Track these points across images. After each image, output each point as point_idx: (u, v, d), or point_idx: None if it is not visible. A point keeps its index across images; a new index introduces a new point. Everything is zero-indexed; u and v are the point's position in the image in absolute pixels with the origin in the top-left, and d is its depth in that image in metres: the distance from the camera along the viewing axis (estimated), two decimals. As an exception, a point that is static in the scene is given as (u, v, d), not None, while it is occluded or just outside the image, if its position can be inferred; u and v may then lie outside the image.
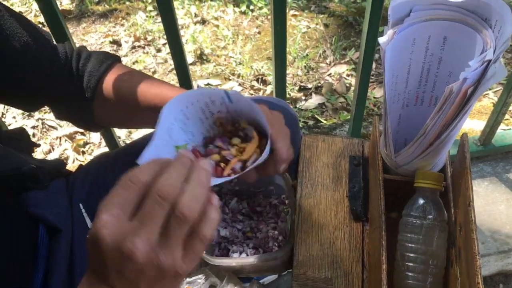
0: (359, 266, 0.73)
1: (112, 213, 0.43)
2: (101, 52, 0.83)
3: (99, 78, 0.80)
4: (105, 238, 0.42)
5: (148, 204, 0.43)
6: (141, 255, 0.42)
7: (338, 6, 2.60)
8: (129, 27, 2.50)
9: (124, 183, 0.44)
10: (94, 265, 0.46)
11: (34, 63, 0.74)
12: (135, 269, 0.43)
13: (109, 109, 0.82)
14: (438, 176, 0.67)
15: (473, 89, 0.56)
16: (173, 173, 0.45)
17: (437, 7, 0.61)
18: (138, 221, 0.43)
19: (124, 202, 0.43)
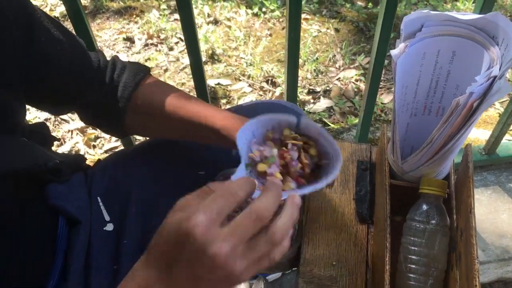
0: (363, 267, 0.76)
1: (209, 217, 0.46)
2: (135, 63, 0.87)
3: (133, 90, 0.83)
4: (196, 236, 0.46)
5: (244, 219, 0.47)
6: (223, 258, 0.46)
7: (350, 12, 2.63)
8: (142, 24, 2.54)
9: (224, 193, 0.49)
10: (162, 254, 0.49)
11: (67, 70, 0.76)
12: (209, 267, 0.47)
13: (140, 120, 0.86)
14: (442, 184, 0.71)
15: (479, 103, 0.60)
16: (270, 198, 0.49)
17: (448, 23, 0.64)
18: (231, 230, 0.47)
19: (221, 210, 0.47)
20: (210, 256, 0.46)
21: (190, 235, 0.46)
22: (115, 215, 0.90)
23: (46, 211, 0.80)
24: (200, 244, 0.46)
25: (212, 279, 0.48)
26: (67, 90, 0.80)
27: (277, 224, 0.49)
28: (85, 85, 0.81)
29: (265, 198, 0.49)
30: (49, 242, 0.80)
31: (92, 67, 0.82)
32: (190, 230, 0.46)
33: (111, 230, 0.89)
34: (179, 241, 0.47)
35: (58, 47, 0.74)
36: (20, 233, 0.71)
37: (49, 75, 0.75)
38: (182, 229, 0.47)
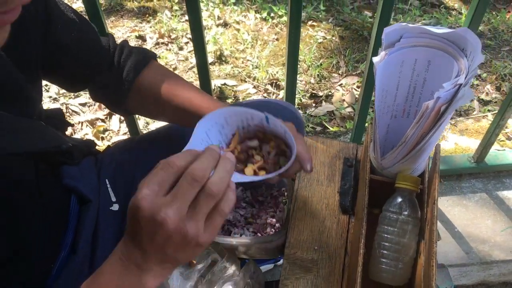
0: (342, 252, 0.84)
1: (151, 189, 0.53)
2: (141, 49, 0.94)
3: (136, 74, 0.91)
4: (144, 208, 0.53)
5: (181, 184, 0.54)
6: (171, 224, 0.53)
7: (355, 20, 2.71)
8: (154, 24, 2.63)
9: (163, 166, 0.55)
10: (131, 231, 0.56)
11: (81, 52, 0.85)
12: (165, 236, 0.53)
13: (141, 102, 0.94)
14: (415, 180, 0.79)
15: (446, 107, 0.68)
16: (204, 160, 0.56)
17: (424, 35, 0.72)
18: (172, 196, 0.54)
19: (162, 181, 0.54)
20: (160, 223, 0.53)
21: (139, 209, 0.53)
22: (121, 197, 0.98)
23: (60, 190, 0.88)
24: (148, 216, 0.53)
25: (173, 246, 0.55)
26: (79, 73, 0.89)
27: (212, 179, 0.55)
28: (96, 69, 0.89)
29: (198, 161, 0.55)
30: (61, 218, 0.88)
31: (103, 51, 0.89)
32: (138, 204, 0.53)
33: (117, 210, 0.97)
34: (134, 216, 0.54)
35: (72, 34, 0.82)
36: (38, 208, 0.79)
37: (63, 60, 0.83)
38: (133, 204, 0.54)
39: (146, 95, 0.92)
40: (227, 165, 0.58)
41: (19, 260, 0.75)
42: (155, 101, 0.92)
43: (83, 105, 2.27)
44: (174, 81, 0.91)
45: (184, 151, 0.58)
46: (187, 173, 0.54)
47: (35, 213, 0.78)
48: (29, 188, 0.75)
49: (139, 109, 0.98)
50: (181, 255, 0.57)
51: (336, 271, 0.82)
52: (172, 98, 0.89)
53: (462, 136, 1.82)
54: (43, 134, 0.81)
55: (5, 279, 0.73)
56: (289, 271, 0.82)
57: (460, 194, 1.66)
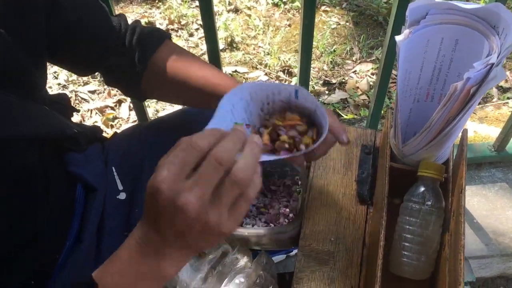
0: (360, 244, 0.80)
1: (172, 170, 0.48)
2: (155, 28, 0.89)
3: (150, 54, 0.86)
4: (163, 191, 0.48)
5: (204, 166, 0.49)
6: (192, 210, 0.48)
7: (370, 5, 2.64)
8: (164, 10, 2.59)
9: (185, 146, 0.50)
10: (149, 215, 0.52)
11: (89, 32, 0.81)
12: (185, 222, 0.49)
13: (156, 84, 0.89)
14: (439, 167, 0.74)
15: (476, 89, 0.63)
16: (230, 142, 0.51)
17: (451, 12, 0.67)
18: (194, 180, 0.48)
19: (183, 163, 0.49)
20: (181, 208, 0.48)
21: (158, 192, 0.48)
22: (128, 185, 0.95)
23: (66, 178, 0.85)
24: (168, 199, 0.48)
25: (194, 232, 0.50)
26: (89, 54, 0.84)
27: (237, 164, 0.50)
28: (106, 50, 0.84)
29: (224, 142, 0.50)
30: (67, 206, 0.85)
31: (114, 32, 0.85)
32: (157, 186, 0.48)
33: (124, 199, 0.94)
34: (154, 199, 0.49)
35: (80, 13, 0.78)
36: (44, 195, 0.76)
37: (71, 41, 0.79)
38: (153, 186, 0.49)
39: (161, 76, 0.87)
40: (254, 148, 0.53)
41: (25, 248, 0.73)
42: (170, 82, 0.87)
43: (92, 93, 2.24)
44: (190, 61, 0.86)
45: (207, 130, 0.53)
46: (211, 155, 0.49)
47: (40, 200, 0.75)
48: (32, 174, 0.72)
49: (154, 91, 0.93)
50: (202, 243, 0.53)
51: (354, 263, 0.78)
52: (188, 78, 0.84)
53: (481, 124, 1.76)
54: (46, 119, 0.77)
55: (12, 268, 0.71)
56: (304, 264, 0.78)
57: (479, 184, 1.61)
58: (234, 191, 0.50)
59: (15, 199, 0.67)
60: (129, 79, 0.89)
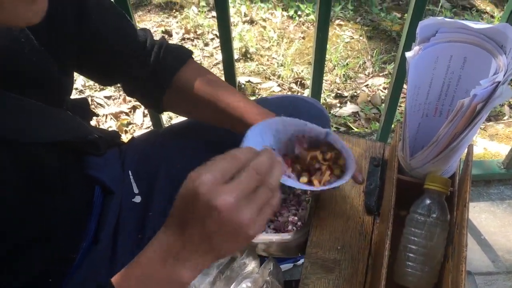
0: (366, 253, 0.82)
1: (213, 175, 0.53)
2: (180, 47, 0.93)
3: (175, 72, 0.89)
4: (202, 193, 0.52)
5: (244, 175, 0.54)
6: (227, 210, 0.52)
7: (384, 20, 2.67)
8: (181, 19, 2.64)
9: (226, 157, 0.56)
10: (178, 218, 0.56)
11: (114, 46, 0.84)
12: (218, 222, 0.52)
13: (178, 101, 0.93)
14: (445, 181, 0.76)
15: (482, 106, 0.65)
16: (265, 158, 0.57)
17: (461, 31, 0.69)
18: (233, 185, 0.53)
19: (224, 170, 0.54)
20: (216, 209, 0.52)
21: (196, 193, 0.52)
22: (143, 189, 0.98)
23: (84, 180, 0.88)
24: (206, 200, 0.52)
25: (223, 234, 0.54)
26: (113, 65, 0.87)
27: (272, 174, 0.56)
28: (130, 63, 0.88)
29: (261, 157, 0.56)
30: (85, 208, 0.87)
31: (139, 46, 0.88)
32: (196, 188, 0.52)
33: (139, 202, 0.97)
34: (189, 201, 0.53)
35: (107, 25, 0.81)
36: (63, 196, 0.79)
37: (97, 51, 0.82)
38: (190, 189, 0.53)
39: (184, 94, 0.91)
40: (280, 166, 0.59)
41: (44, 245, 0.75)
42: (193, 101, 0.91)
43: (108, 98, 2.29)
44: (214, 82, 0.91)
45: (245, 147, 0.60)
46: (251, 166, 0.55)
47: (59, 201, 0.77)
48: (51, 175, 0.75)
49: (175, 107, 0.97)
50: (226, 246, 0.56)
51: (359, 272, 0.80)
52: (214, 101, 0.89)
53: (492, 141, 1.77)
54: (71, 124, 0.80)
55: (31, 264, 0.74)
56: (310, 271, 0.80)
57: (488, 201, 1.62)
58: (266, 196, 0.56)
59: (34, 198, 0.70)
60: (152, 93, 0.92)
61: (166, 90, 0.91)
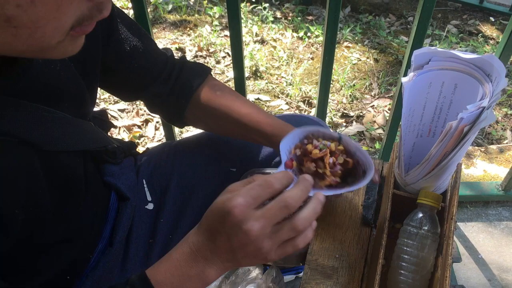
0: (362, 262, 0.88)
1: (247, 200, 0.59)
2: (199, 64, 1.00)
3: (194, 90, 0.96)
4: (234, 215, 0.59)
5: (273, 205, 0.60)
6: (253, 236, 0.59)
7: (391, 44, 2.75)
8: (194, 37, 2.73)
9: (262, 183, 0.61)
10: (211, 227, 0.63)
11: (139, 62, 0.90)
12: (242, 242, 0.60)
13: (199, 115, 0.99)
14: (437, 196, 0.82)
15: (469, 128, 0.71)
16: (299, 191, 0.62)
17: (452, 60, 0.76)
18: (262, 213, 0.60)
19: (257, 196, 0.60)
20: (244, 231, 0.59)
21: (230, 213, 0.59)
22: (156, 197, 1.05)
23: (102, 186, 0.94)
24: (237, 221, 0.59)
25: (245, 252, 0.61)
26: (136, 82, 0.94)
27: (300, 214, 0.61)
28: (152, 80, 0.94)
29: (294, 190, 0.61)
30: (102, 212, 0.94)
31: (161, 64, 0.95)
32: (231, 209, 0.59)
33: (151, 209, 1.03)
34: (221, 217, 0.61)
35: (132, 45, 0.88)
36: (85, 201, 0.85)
37: (121, 69, 0.90)
38: (225, 207, 0.60)
39: (204, 110, 0.97)
40: (317, 206, 0.63)
41: (65, 246, 0.81)
42: (212, 115, 0.97)
43: (122, 111, 2.37)
44: (231, 97, 0.97)
45: (281, 172, 0.64)
46: (281, 198, 0.60)
47: (81, 205, 0.84)
48: (78, 182, 0.81)
49: (196, 121, 1.03)
50: (246, 261, 0.63)
51: (355, 279, 0.86)
52: (230, 113, 0.95)
53: (491, 164, 1.82)
54: (94, 135, 0.87)
55: (53, 262, 0.80)
56: (310, 276, 0.86)
57: (486, 221, 1.67)
58: (290, 234, 0.61)
59: (61, 202, 0.76)
60: (173, 109, 0.99)
61: (187, 106, 0.98)
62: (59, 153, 0.73)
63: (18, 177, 0.63)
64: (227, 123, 0.97)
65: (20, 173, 0.64)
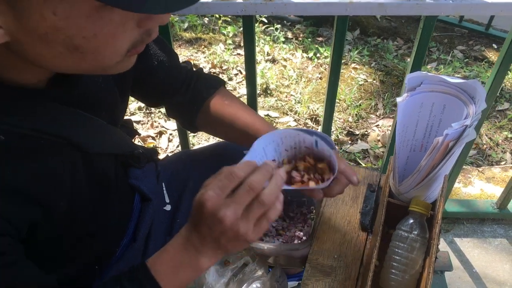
0: (358, 263, 0.97)
1: (216, 192, 0.68)
2: (213, 77, 1.10)
3: (206, 98, 1.07)
4: (207, 206, 0.67)
5: (240, 191, 0.68)
6: (228, 221, 0.67)
7: (396, 66, 2.86)
8: (209, 55, 2.86)
9: (227, 174, 0.69)
10: (195, 220, 0.71)
11: (164, 74, 1.02)
12: (221, 230, 0.68)
13: (208, 121, 1.09)
14: (426, 205, 0.91)
15: (453, 144, 0.81)
16: (261, 173, 0.70)
17: (441, 83, 0.87)
18: (232, 200, 0.68)
19: (225, 187, 0.68)
20: (219, 219, 0.67)
21: (204, 206, 0.68)
22: (174, 199, 1.15)
23: (127, 188, 1.03)
24: (211, 212, 0.67)
25: (226, 238, 0.69)
26: (160, 92, 1.06)
27: (265, 191, 0.69)
28: (174, 90, 1.06)
29: (256, 173, 0.70)
30: (127, 211, 1.04)
31: (182, 77, 1.06)
32: (204, 202, 0.67)
33: (169, 210, 1.14)
34: (199, 210, 0.69)
35: (160, 60, 1.00)
36: (115, 200, 0.95)
37: (149, 81, 1.01)
38: (200, 201, 0.68)
39: (212, 117, 1.07)
40: (279, 180, 0.72)
41: (95, 239, 0.91)
42: (219, 122, 1.07)
43: (137, 123, 2.49)
44: (239, 107, 1.07)
45: (244, 162, 0.73)
46: (246, 182, 0.68)
47: (110, 203, 0.93)
48: (110, 182, 0.91)
49: (206, 127, 1.13)
50: (231, 245, 0.71)
51: (352, 277, 0.95)
52: (235, 121, 1.05)
53: (488, 183, 1.91)
54: (123, 140, 0.97)
55: (84, 254, 0.90)
56: (310, 274, 0.95)
57: (481, 238, 1.75)
58: (260, 210, 0.69)
59: (97, 198, 0.86)
60: (187, 115, 1.10)
61: (199, 113, 1.08)
62: (96, 155, 0.83)
63: (65, 173, 0.74)
64: (232, 131, 1.06)
65: (66, 170, 0.74)
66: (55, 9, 0.52)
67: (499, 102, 2.68)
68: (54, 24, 0.53)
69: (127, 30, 0.59)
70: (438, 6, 1.11)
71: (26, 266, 0.69)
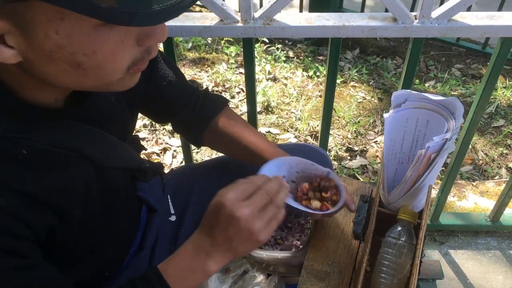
0: (350, 269, 1.04)
1: (236, 194, 0.76)
2: (218, 96, 1.18)
3: (213, 117, 1.14)
4: (227, 206, 0.75)
5: (258, 195, 0.77)
6: (244, 220, 0.75)
7: (394, 84, 2.94)
8: (212, 74, 2.95)
9: (246, 181, 0.79)
10: (208, 224, 0.79)
11: (172, 94, 1.09)
12: (236, 229, 0.75)
13: (214, 139, 1.17)
14: (413, 213, 0.98)
15: (435, 156, 0.88)
16: (276, 183, 0.81)
17: (424, 100, 0.94)
18: (249, 202, 0.76)
19: (244, 190, 0.77)
20: (237, 218, 0.74)
21: (223, 206, 0.75)
22: (178, 210, 1.22)
23: (135, 199, 1.11)
24: (230, 211, 0.75)
25: (240, 238, 0.76)
26: (168, 110, 1.13)
27: (279, 197, 0.79)
28: (180, 108, 1.13)
29: (272, 182, 0.80)
30: (135, 221, 1.11)
31: (188, 96, 1.13)
32: (223, 202, 0.75)
33: (174, 221, 1.21)
34: (216, 211, 0.77)
35: (168, 80, 1.07)
36: (124, 211, 1.02)
37: (157, 100, 1.09)
38: (218, 203, 0.76)
39: (218, 135, 1.15)
40: (286, 190, 0.83)
41: (106, 248, 0.98)
42: (225, 140, 1.15)
43: (142, 140, 2.56)
44: (242, 126, 1.15)
45: (260, 174, 0.84)
46: (263, 188, 0.78)
47: (120, 214, 1.00)
48: (120, 194, 0.98)
49: (211, 144, 1.21)
50: (242, 247, 0.78)
51: (344, 282, 1.01)
52: (240, 140, 1.13)
53: (482, 197, 1.97)
54: (132, 155, 1.04)
55: (96, 261, 0.97)
56: (306, 278, 1.02)
57: (475, 250, 1.80)
58: (274, 211, 0.78)
59: (107, 208, 0.93)
60: (193, 132, 1.18)
61: (205, 130, 1.16)
62: (108, 169, 0.90)
63: (79, 184, 0.81)
64: (237, 148, 1.15)
65: (80, 181, 0.81)
66: (57, 28, 0.57)
67: (494, 119, 2.75)
68: (57, 42, 0.58)
69: (126, 47, 0.64)
70: (425, 28, 1.19)
71: (45, 268, 0.76)
